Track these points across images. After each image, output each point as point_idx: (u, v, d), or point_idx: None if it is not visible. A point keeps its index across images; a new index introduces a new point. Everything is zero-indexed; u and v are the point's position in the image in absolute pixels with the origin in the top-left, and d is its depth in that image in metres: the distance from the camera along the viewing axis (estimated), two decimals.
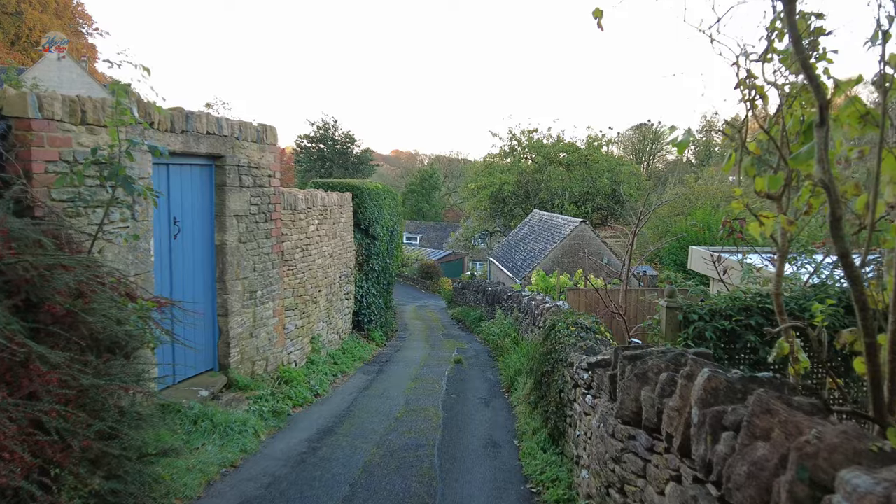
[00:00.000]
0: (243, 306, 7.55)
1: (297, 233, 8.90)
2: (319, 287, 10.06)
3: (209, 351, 7.28)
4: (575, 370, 5.53)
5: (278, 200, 8.21)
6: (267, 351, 8.06)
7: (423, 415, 7.71)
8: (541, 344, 7.64)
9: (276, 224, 8.18)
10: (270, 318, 8.13)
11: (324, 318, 10.48)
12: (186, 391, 6.67)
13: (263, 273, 7.91)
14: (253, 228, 7.69)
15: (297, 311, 8.94)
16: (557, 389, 6.10)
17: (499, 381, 10.26)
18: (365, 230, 13.98)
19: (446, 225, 57.66)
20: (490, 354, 13.18)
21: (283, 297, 8.45)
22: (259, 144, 7.80)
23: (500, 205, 33.06)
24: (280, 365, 8.36)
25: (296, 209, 8.79)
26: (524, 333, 11.50)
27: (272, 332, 8.17)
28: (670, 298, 5.37)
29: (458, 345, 15.31)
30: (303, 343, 9.23)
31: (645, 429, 3.55)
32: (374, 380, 9.93)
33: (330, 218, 10.87)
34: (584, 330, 6.77)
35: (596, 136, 33.58)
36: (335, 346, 11.42)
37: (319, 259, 10.08)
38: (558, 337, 6.75)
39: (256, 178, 7.74)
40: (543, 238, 22.26)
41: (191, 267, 6.91)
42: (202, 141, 6.80)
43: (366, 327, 14.33)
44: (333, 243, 11.21)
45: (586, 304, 11.41)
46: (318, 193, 10.00)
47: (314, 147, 41.20)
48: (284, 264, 8.50)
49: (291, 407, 7.65)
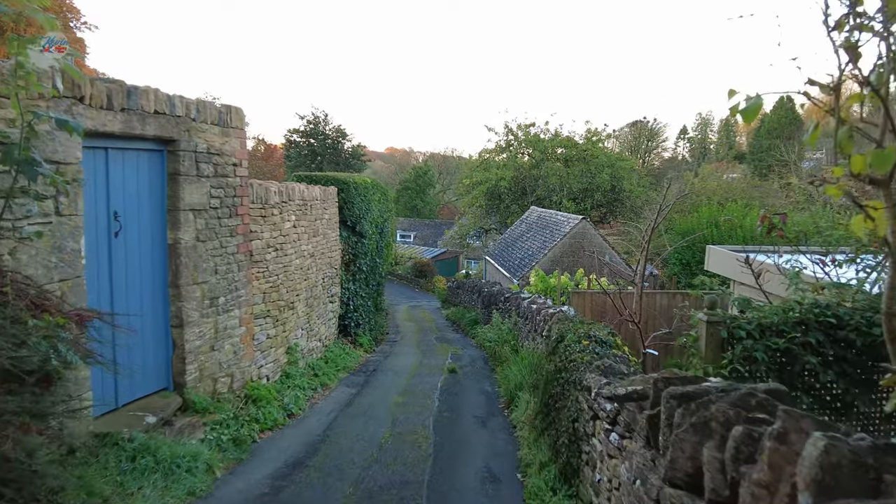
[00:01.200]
0: (202, 315, 6.52)
1: (270, 230, 7.86)
2: (297, 290, 9.02)
3: (161, 368, 6.25)
4: (594, 398, 4.53)
5: (245, 193, 7.17)
6: (232, 366, 7.03)
7: (412, 439, 6.69)
8: (546, 358, 6.64)
9: (242, 220, 7.14)
10: (236, 327, 7.09)
11: (303, 325, 9.45)
12: (130, 417, 5.64)
13: (227, 276, 6.88)
14: (214, 225, 6.65)
15: (270, 318, 7.90)
16: (570, 418, 5.10)
17: (497, 393, 9.26)
18: (352, 227, 12.94)
19: (441, 222, 56.64)
20: (486, 362, 12.18)
21: (252, 303, 7.41)
22: (222, 128, 6.76)
23: (496, 201, 31.98)
24: (248, 381, 7.33)
25: (267, 203, 7.74)
26: (524, 341, 10.50)
27: (238, 344, 7.14)
28: (711, 311, 4.37)
29: (452, 350, 14.31)
30: (277, 354, 8.20)
31: (709, 502, 2.57)
32: (359, 393, 8.91)
33: (311, 214, 9.82)
34: (600, 344, 5.77)
35: (595, 130, 32.57)
36: (317, 354, 10.39)
37: (297, 259, 9.04)
38: (569, 352, 5.75)
39: (218, 166, 6.69)
40: (542, 236, 21.25)
41: (136, 270, 5.86)
42: (149, 121, 5.75)
43: (353, 332, 13.31)
44: (315, 242, 10.18)
45: (592, 308, 10.42)
46: (296, 186, 8.95)
47: (304, 142, 40.00)
48: (253, 266, 7.46)
49: (259, 431, 6.62)
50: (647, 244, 7.04)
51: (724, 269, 9.20)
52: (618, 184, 29.73)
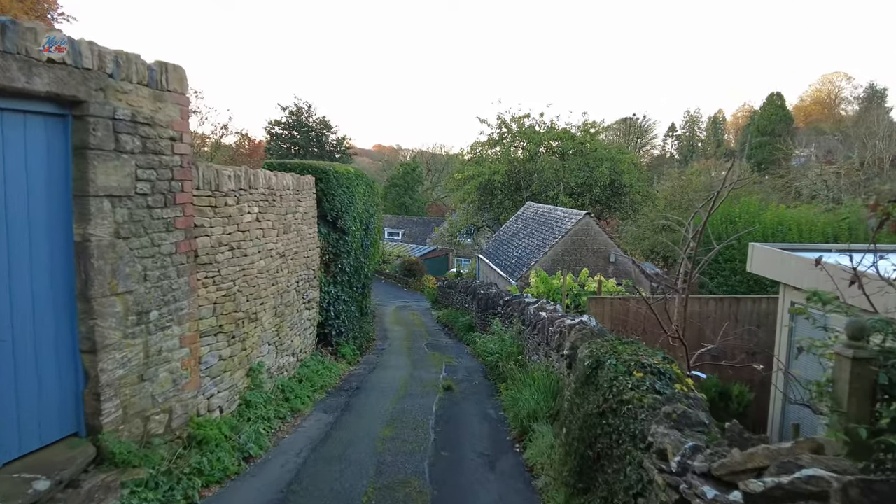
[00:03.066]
0: (126, 336, 4.93)
1: (223, 224, 6.28)
2: (262, 298, 7.44)
3: (68, 407, 4.66)
4: (676, 470, 3.03)
5: (188, 176, 5.58)
6: (170, 398, 5.45)
7: (403, 495, 5.16)
8: (577, 389, 5.13)
9: (184, 210, 5.56)
10: (175, 349, 5.51)
11: (270, 340, 7.87)
12: (11, 484, 4.05)
13: (162, 284, 5.29)
14: (142, 217, 5.06)
15: (223, 335, 6.32)
16: (629, 489, 3.60)
17: (503, 419, 7.77)
18: (332, 223, 11.37)
19: (430, 220, 55.15)
20: (486, 376, 10.68)
21: (198, 317, 5.83)
22: (153, 90, 5.16)
23: (488, 197, 30.40)
24: (193, 416, 5.75)
25: (219, 190, 6.15)
26: (532, 354, 9.01)
27: (179, 371, 5.56)
28: (856, 342, 2.91)
29: (445, 360, 12.79)
30: (234, 379, 6.62)
31: None
32: (337, 423, 7.36)
33: (280, 205, 8.24)
34: (656, 376, 4.28)
35: (593, 122, 31.09)
36: (289, 371, 8.82)
37: (262, 260, 7.47)
38: (616, 388, 4.25)
39: (148, 140, 5.10)
40: (541, 233, 19.75)
41: (24, 279, 4.27)
42: (41, 73, 4.15)
43: (334, 341, 11.74)
44: (287, 239, 8.60)
45: (612, 316, 8.95)
46: (260, 172, 7.36)
47: (286, 134, 38.13)
48: (200, 269, 5.88)
49: (201, 487, 5.06)
50: (699, 239, 5.57)
51: (774, 270, 7.77)
52: (617, 178, 28.28)
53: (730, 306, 9.08)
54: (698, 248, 6.98)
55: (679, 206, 31.30)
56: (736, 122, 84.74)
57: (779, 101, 62.39)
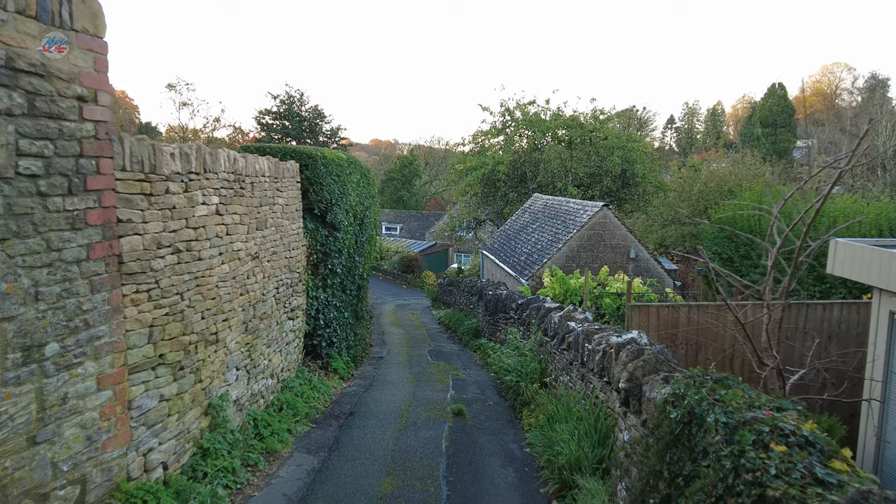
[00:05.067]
0: (4, 382, 3.37)
1: (164, 218, 4.68)
2: (225, 313, 5.86)
3: None
4: None
5: (106, 152, 3.99)
6: (83, 464, 3.89)
7: None
8: (660, 455, 3.57)
9: (100, 200, 3.98)
10: (90, 393, 3.94)
11: (239, 363, 6.30)
12: None
13: (64, 304, 3.72)
14: (30, 208, 3.48)
15: (166, 367, 4.74)
16: None
17: (530, 460, 6.23)
18: (321, 217, 9.78)
19: (428, 215, 53.54)
20: (501, 393, 9.15)
21: (125, 346, 4.26)
22: (45, 25, 3.57)
23: (491, 189, 28.75)
24: (121, 482, 4.19)
25: (155, 173, 4.55)
26: (560, 374, 7.46)
27: (97, 423, 3.99)
28: None
29: (452, 372, 11.25)
30: (183, 423, 5.04)
31: None
32: (322, 472, 5.80)
33: (252, 195, 6.66)
34: (806, 448, 2.74)
35: (602, 109, 29.35)
36: (267, 398, 7.26)
37: (226, 265, 5.88)
38: (748, 469, 2.71)
39: (39, 97, 3.51)
40: (552, 227, 18.14)
41: None
42: None
43: (324, 353, 10.18)
44: (261, 237, 7.02)
45: (658, 327, 7.40)
46: (221, 152, 5.75)
47: (278, 124, 36.37)
48: (127, 281, 4.29)
49: None
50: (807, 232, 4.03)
51: (865, 272, 6.21)
52: (629, 168, 26.63)
53: (797, 314, 7.54)
54: (781, 247, 5.42)
55: (689, 199, 29.74)
56: (735, 113, 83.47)
57: (781, 91, 60.80)
